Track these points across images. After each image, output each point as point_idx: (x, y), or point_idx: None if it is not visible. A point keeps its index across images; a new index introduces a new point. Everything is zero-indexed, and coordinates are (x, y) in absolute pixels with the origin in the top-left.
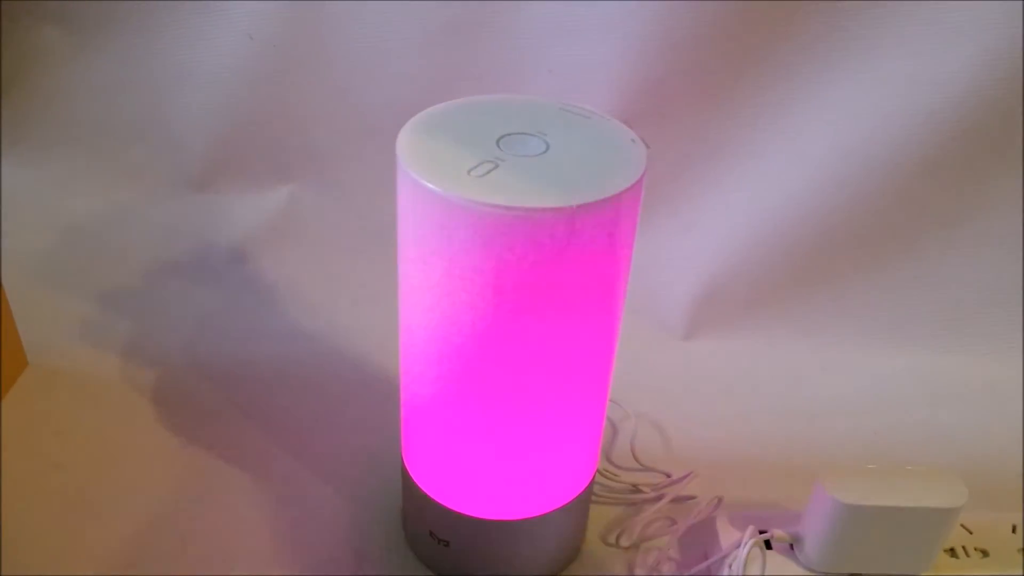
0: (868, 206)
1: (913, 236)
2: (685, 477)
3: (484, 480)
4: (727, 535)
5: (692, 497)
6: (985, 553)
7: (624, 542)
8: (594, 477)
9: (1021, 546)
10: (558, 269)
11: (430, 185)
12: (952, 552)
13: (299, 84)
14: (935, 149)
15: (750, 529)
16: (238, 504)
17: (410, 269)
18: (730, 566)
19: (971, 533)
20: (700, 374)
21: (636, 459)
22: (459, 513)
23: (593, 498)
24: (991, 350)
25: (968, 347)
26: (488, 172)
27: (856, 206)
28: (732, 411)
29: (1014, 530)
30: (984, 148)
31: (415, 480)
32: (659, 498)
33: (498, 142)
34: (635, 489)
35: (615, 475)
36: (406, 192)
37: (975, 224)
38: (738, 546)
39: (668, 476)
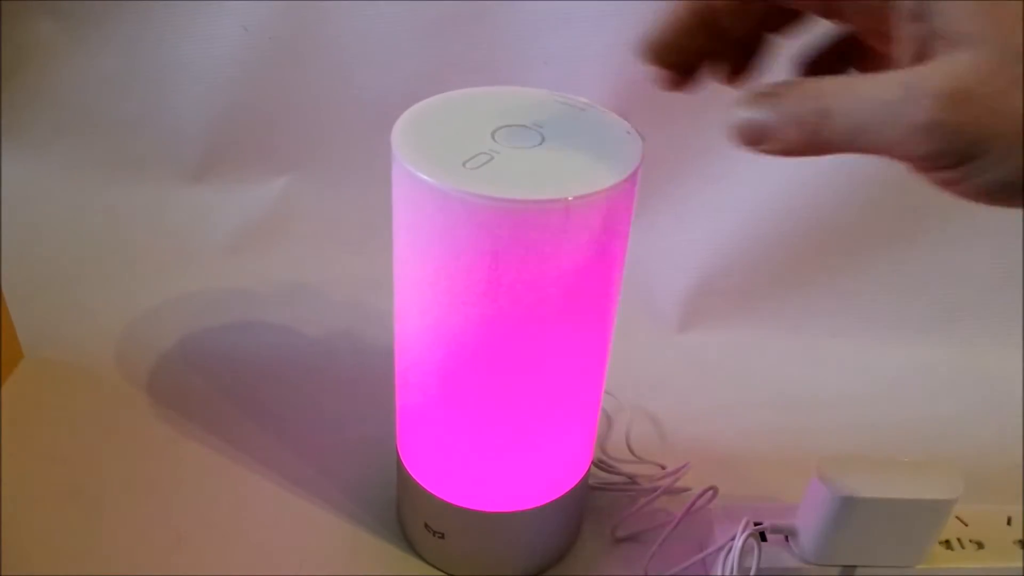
0: (863, 198)
1: (909, 228)
2: (680, 469)
3: (479, 472)
4: (722, 527)
5: (687, 489)
6: (980, 545)
7: (619, 534)
8: (589, 469)
9: (1016, 538)
10: (553, 261)
11: (425, 177)
12: (947, 544)
13: (295, 76)
14: None
15: (745, 521)
16: (232, 495)
17: (405, 261)
18: (725, 558)
19: (966, 525)
20: (695, 366)
21: (631, 451)
22: (454, 505)
23: (588, 490)
24: (987, 342)
25: (964, 339)
26: (483, 164)
27: (851, 198)
28: (727, 403)
29: (1009, 522)
30: None
31: (410, 472)
32: (654, 490)
33: (493, 134)
34: (630, 481)
35: (610, 467)
36: (401, 184)
37: (972, 216)
38: (733, 538)
39: (663, 468)
